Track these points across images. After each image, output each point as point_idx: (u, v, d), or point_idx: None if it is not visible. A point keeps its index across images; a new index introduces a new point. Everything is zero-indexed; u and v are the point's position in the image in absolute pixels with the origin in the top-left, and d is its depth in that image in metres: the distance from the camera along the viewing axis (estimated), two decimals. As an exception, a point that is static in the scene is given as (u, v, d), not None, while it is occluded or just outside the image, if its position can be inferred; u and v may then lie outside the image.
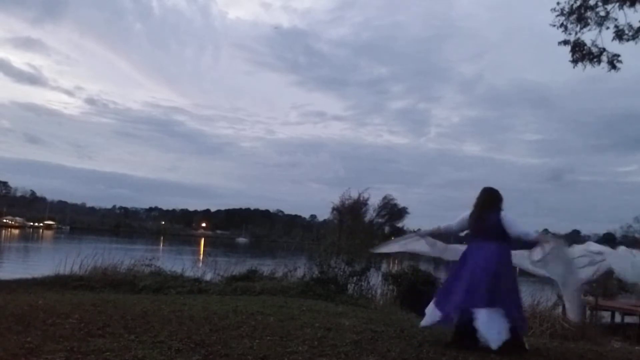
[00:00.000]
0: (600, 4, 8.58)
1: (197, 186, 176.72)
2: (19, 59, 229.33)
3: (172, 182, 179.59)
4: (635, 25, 8.37)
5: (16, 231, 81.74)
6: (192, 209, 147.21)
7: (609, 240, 47.14)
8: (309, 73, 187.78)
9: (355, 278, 10.14)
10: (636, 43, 8.47)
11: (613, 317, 14.53)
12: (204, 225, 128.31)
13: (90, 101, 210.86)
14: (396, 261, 14.03)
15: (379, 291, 10.48)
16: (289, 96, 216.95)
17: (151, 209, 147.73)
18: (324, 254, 10.33)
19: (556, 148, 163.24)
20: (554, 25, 8.94)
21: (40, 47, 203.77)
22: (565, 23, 8.85)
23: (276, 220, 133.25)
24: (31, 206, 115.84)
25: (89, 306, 5.41)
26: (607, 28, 8.63)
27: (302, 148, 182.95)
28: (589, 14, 8.66)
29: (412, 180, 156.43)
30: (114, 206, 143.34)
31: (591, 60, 8.85)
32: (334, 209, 20.61)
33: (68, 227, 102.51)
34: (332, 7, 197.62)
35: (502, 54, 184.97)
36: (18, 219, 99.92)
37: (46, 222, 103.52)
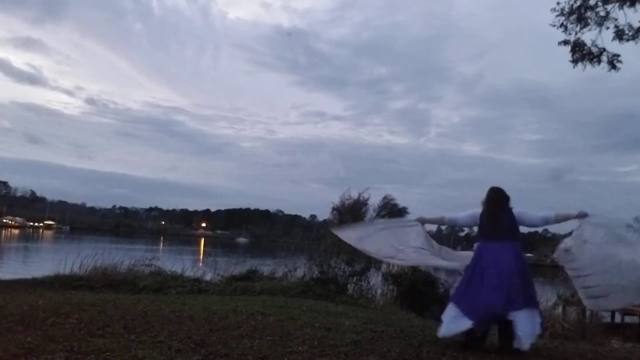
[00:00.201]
0: (600, 4, 8.59)
1: (197, 186, 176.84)
2: (19, 59, 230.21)
3: (172, 182, 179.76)
4: (635, 25, 8.38)
5: (16, 231, 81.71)
6: (192, 209, 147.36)
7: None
8: (309, 73, 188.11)
9: (355, 278, 10.14)
10: (636, 43, 8.48)
11: (613, 317, 14.53)
12: (204, 225, 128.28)
13: (90, 101, 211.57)
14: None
15: (379, 291, 10.47)
16: (289, 96, 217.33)
17: (151, 209, 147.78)
18: (324, 254, 10.31)
19: (556, 148, 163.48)
20: (554, 25, 8.95)
21: (41, 47, 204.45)
22: (565, 23, 8.86)
23: (276, 220, 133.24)
24: (31, 206, 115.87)
25: (89, 306, 5.40)
26: (607, 28, 8.64)
27: (302, 148, 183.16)
28: (589, 14, 8.66)
29: (412, 180, 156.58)
30: (114, 206, 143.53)
31: (591, 60, 8.85)
32: (334, 209, 20.65)
33: (68, 227, 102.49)
34: (332, 7, 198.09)
35: (502, 54, 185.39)
36: (18, 219, 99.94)
37: (46, 222, 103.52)
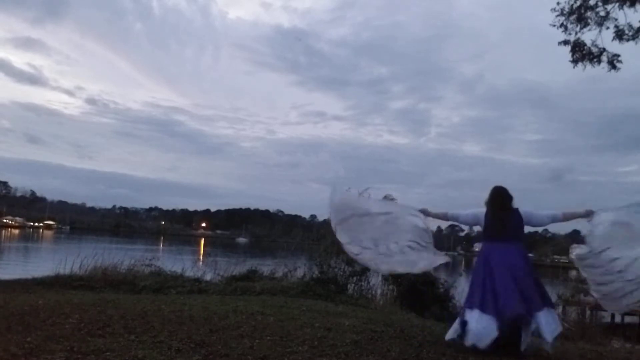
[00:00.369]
0: (600, 4, 8.59)
1: (197, 186, 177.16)
2: (19, 59, 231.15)
3: (172, 182, 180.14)
4: (635, 25, 8.38)
5: (16, 231, 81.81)
6: (192, 209, 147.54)
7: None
8: (309, 73, 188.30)
9: (355, 278, 10.12)
10: (636, 43, 8.48)
11: (613, 317, 14.55)
12: (204, 225, 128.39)
13: (90, 101, 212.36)
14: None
15: (379, 291, 10.45)
16: (289, 96, 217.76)
17: (151, 209, 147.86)
18: (324, 254, 10.29)
19: (556, 148, 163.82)
20: (554, 25, 8.96)
21: (41, 47, 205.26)
22: (565, 23, 8.87)
23: (276, 220, 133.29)
24: (31, 206, 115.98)
25: (89, 306, 5.40)
26: (607, 28, 8.65)
27: (302, 148, 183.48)
28: (589, 14, 8.67)
29: (413, 180, 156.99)
30: (114, 206, 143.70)
31: (591, 60, 8.85)
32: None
33: (68, 227, 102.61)
34: (333, 7, 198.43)
35: (502, 54, 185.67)
36: (18, 219, 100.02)
37: (46, 222, 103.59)
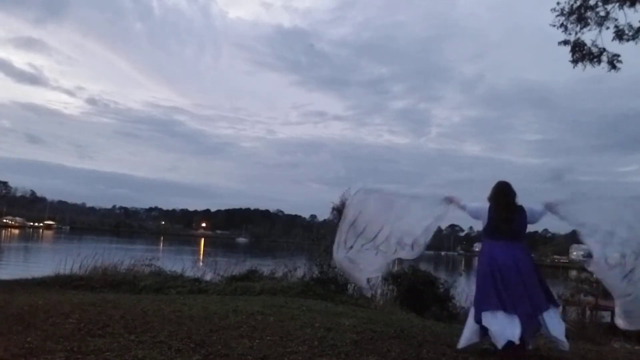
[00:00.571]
0: (600, 4, 8.59)
1: (197, 186, 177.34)
2: (20, 59, 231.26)
3: (172, 182, 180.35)
4: (635, 25, 8.38)
5: (16, 231, 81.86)
6: (192, 209, 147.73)
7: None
8: (310, 73, 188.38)
9: (355, 278, 10.12)
10: (636, 43, 8.48)
11: (613, 317, 14.53)
12: (204, 225, 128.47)
13: (91, 101, 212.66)
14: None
15: (379, 291, 10.45)
16: (290, 96, 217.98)
17: (151, 209, 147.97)
18: (324, 254, 10.30)
19: (556, 148, 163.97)
20: (554, 25, 8.95)
21: (42, 47, 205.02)
22: (565, 23, 8.86)
23: (276, 220, 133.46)
24: (31, 206, 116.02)
25: (89, 306, 5.40)
26: (607, 28, 8.64)
27: (302, 148, 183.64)
28: (589, 14, 8.66)
29: (413, 180, 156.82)
30: (114, 206, 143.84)
31: (591, 60, 8.85)
32: (334, 209, 20.61)
33: (68, 227, 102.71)
34: (333, 7, 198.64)
35: (502, 54, 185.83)
36: (18, 219, 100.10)
37: (46, 222, 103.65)
